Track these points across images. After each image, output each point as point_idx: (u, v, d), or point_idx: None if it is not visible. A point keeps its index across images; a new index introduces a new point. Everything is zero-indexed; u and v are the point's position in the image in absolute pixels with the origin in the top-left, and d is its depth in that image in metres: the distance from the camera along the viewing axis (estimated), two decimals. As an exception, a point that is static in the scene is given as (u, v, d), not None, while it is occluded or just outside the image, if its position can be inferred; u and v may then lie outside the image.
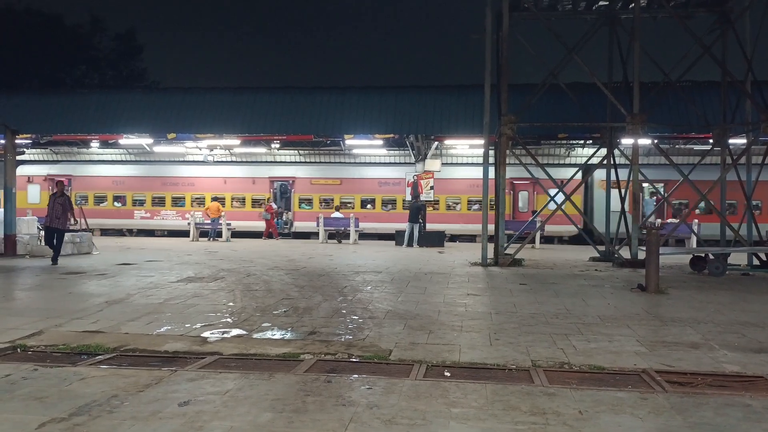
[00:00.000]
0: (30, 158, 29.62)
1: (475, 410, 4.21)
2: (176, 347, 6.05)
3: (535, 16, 15.49)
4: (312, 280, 11.49)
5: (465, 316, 7.86)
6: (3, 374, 5.02)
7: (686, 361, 5.68)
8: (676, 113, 18.72)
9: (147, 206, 28.70)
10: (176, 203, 28.76)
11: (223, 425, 3.88)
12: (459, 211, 27.08)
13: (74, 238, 17.03)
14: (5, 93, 25.23)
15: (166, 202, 28.73)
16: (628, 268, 14.13)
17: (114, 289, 10.10)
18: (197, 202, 28.43)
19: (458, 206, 27.16)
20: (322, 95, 22.60)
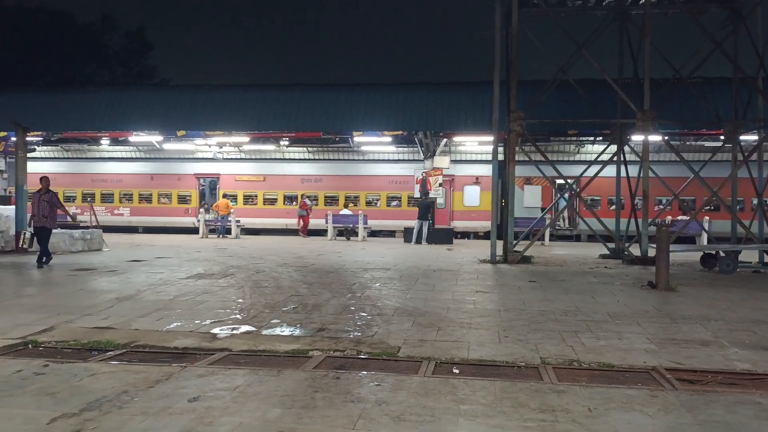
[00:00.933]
0: (40, 155, 29.80)
1: (483, 407, 4.21)
2: (186, 343, 6.08)
3: (544, 12, 15.42)
4: (321, 276, 11.51)
5: (474, 313, 7.85)
6: (15, 370, 5.06)
7: (696, 358, 5.65)
8: (687, 110, 18.62)
9: (77, 202, 28.82)
10: (105, 200, 29.02)
11: (233, 421, 3.89)
12: (379, 207, 27.38)
13: (85, 234, 17.15)
14: (17, 90, 25.41)
15: (96, 198, 28.97)
16: (638, 265, 14.07)
17: (124, 285, 10.16)
18: (126, 198, 28.84)
19: (378, 202, 27.43)
20: (330, 92, 22.65)
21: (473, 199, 26.39)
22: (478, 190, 26.15)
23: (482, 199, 25.71)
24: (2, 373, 4.98)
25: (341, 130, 23.49)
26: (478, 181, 26.22)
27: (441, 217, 26.43)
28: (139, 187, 29.05)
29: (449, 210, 26.66)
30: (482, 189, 25.96)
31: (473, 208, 26.25)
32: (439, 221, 26.10)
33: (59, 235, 16.59)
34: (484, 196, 25.41)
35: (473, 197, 26.37)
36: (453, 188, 26.82)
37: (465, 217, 26.31)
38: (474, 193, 26.31)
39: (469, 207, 26.46)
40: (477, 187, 26.19)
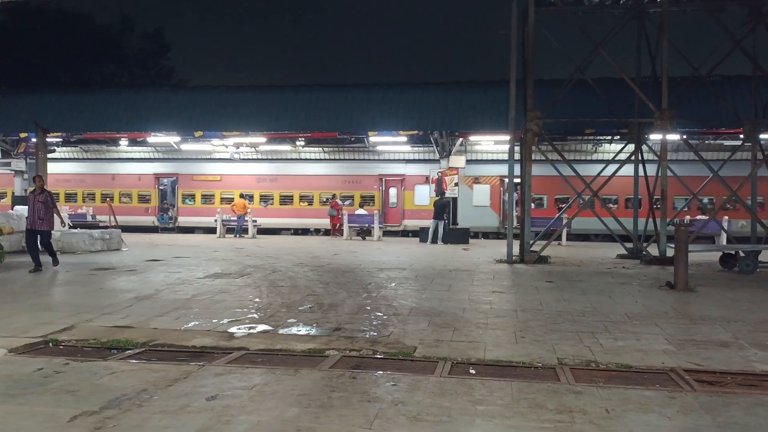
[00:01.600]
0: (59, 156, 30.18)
1: (500, 408, 4.20)
2: (204, 342, 6.13)
3: (561, 10, 15.34)
4: (337, 276, 11.54)
5: (490, 313, 7.84)
6: (36, 368, 5.13)
7: (716, 360, 5.60)
8: (706, 108, 18.45)
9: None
10: (68, 200, 29.33)
11: (250, 420, 3.92)
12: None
13: (104, 234, 17.33)
14: (37, 92, 25.75)
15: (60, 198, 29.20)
16: (656, 265, 13.95)
17: (143, 284, 10.25)
18: (89, 198, 29.31)
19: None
20: (347, 93, 22.70)
21: (424, 199, 26.79)
22: (428, 190, 26.56)
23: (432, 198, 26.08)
24: (24, 371, 5.05)
25: (357, 130, 23.55)
26: (428, 181, 26.57)
27: (392, 216, 27.12)
28: (100, 187, 29.58)
29: (401, 209, 27.13)
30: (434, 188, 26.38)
31: (423, 207, 26.66)
32: (390, 220, 26.85)
33: (79, 235, 16.81)
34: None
35: (424, 196, 26.80)
36: (404, 188, 27.31)
37: (415, 216, 26.79)
38: (424, 192, 26.74)
39: (420, 206, 26.90)
40: (427, 187, 26.58)
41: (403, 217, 26.88)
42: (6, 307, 8.03)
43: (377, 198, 27.43)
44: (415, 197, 27.10)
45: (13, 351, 5.72)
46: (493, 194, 26.44)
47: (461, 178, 25.85)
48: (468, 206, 25.82)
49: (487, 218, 26.02)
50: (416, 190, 27.11)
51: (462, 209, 25.62)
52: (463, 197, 25.95)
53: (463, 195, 25.96)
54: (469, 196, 26.21)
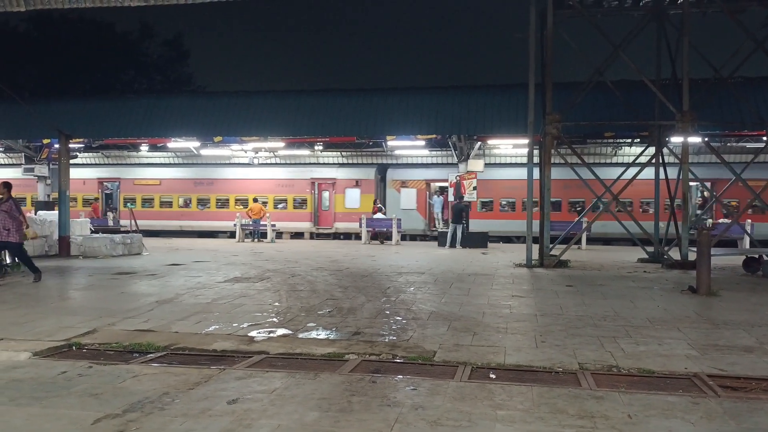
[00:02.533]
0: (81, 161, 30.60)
1: (521, 413, 4.18)
2: (224, 346, 6.17)
3: (579, 13, 15.23)
4: (355, 280, 11.56)
5: (510, 318, 7.80)
6: (60, 371, 5.20)
7: (740, 365, 5.52)
8: (728, 110, 18.18)
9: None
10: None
11: (271, 423, 3.94)
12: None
13: (125, 239, 17.52)
14: (60, 99, 26.10)
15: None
16: (677, 269, 13.78)
17: (164, 289, 10.35)
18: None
19: (266, 205, 27.87)
20: (364, 97, 22.71)
21: (354, 202, 27.21)
22: (358, 193, 27.16)
23: (362, 202, 26.93)
24: (48, 374, 5.12)
25: (375, 135, 23.58)
26: (358, 185, 27.19)
27: (324, 219, 27.52)
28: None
29: (332, 212, 27.45)
30: (362, 192, 27.10)
31: (353, 209, 27.07)
32: (323, 222, 27.25)
33: (100, 240, 17.02)
34: (364, 198, 26.77)
35: (354, 200, 27.22)
36: (335, 191, 27.67)
37: (346, 218, 27.15)
38: (354, 195, 27.24)
39: (350, 209, 27.23)
40: (357, 190, 27.16)
41: (335, 220, 27.32)
42: (30, 311, 8.16)
43: (309, 201, 27.92)
44: (345, 200, 27.58)
45: (37, 354, 5.80)
46: (419, 198, 27.06)
47: (390, 183, 26.93)
48: (396, 209, 26.54)
49: (414, 221, 26.52)
50: (347, 193, 27.58)
51: (390, 212, 26.43)
52: (391, 200, 26.91)
53: (391, 198, 26.96)
54: (396, 199, 26.99)
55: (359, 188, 27.24)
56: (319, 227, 27.46)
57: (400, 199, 26.98)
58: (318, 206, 27.88)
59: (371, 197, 26.74)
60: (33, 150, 27.23)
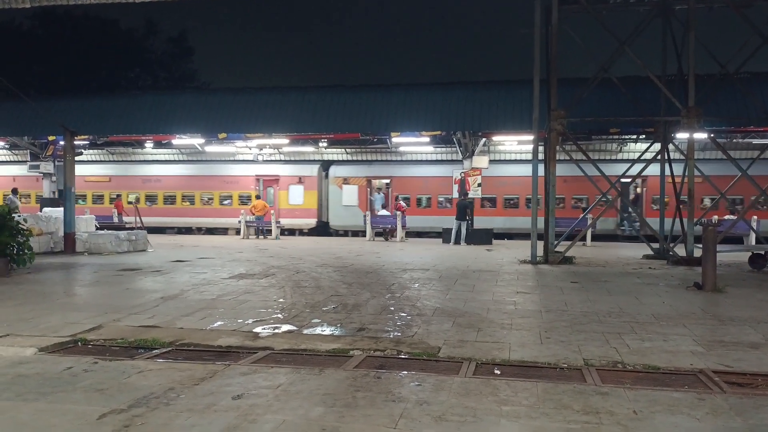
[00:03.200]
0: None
1: (526, 408, 4.17)
2: (229, 342, 6.18)
3: (585, 8, 15.17)
4: (360, 277, 11.56)
5: (514, 314, 7.79)
6: (65, 367, 5.22)
7: (746, 361, 5.50)
8: (734, 106, 18.11)
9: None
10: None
11: (276, 419, 3.94)
12: (212, 205, 28.70)
13: (130, 235, 17.57)
14: (65, 96, 26.21)
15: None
16: (683, 266, 13.75)
17: (169, 285, 10.37)
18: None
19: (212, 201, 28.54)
20: (369, 93, 22.70)
21: (297, 198, 27.65)
22: (301, 190, 27.61)
23: (306, 198, 27.51)
24: (54, 369, 5.14)
25: (379, 131, 23.56)
26: (301, 181, 27.65)
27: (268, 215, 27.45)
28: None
29: (276, 208, 27.72)
30: (306, 188, 27.56)
31: (297, 206, 27.59)
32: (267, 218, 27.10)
33: (105, 236, 17.07)
34: (308, 195, 27.35)
35: (297, 196, 27.67)
36: (279, 187, 28.06)
37: (290, 214, 27.65)
38: (298, 192, 27.70)
39: (294, 205, 27.70)
40: (301, 187, 27.61)
41: (279, 216, 27.54)
42: (36, 307, 8.18)
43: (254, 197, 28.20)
44: (289, 197, 27.95)
45: (43, 350, 5.82)
46: (360, 194, 27.52)
47: (333, 179, 27.43)
48: (338, 206, 27.28)
49: (355, 217, 26.91)
50: (290, 190, 27.94)
51: (333, 209, 27.18)
52: (334, 197, 27.41)
53: (333, 195, 27.44)
54: (338, 196, 27.51)
55: (302, 185, 27.71)
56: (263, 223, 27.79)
57: (342, 195, 27.57)
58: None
59: (314, 193, 27.38)
60: (38, 147, 27.32)
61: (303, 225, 27.53)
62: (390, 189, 27.37)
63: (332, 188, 27.77)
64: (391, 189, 27.42)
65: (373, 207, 26.76)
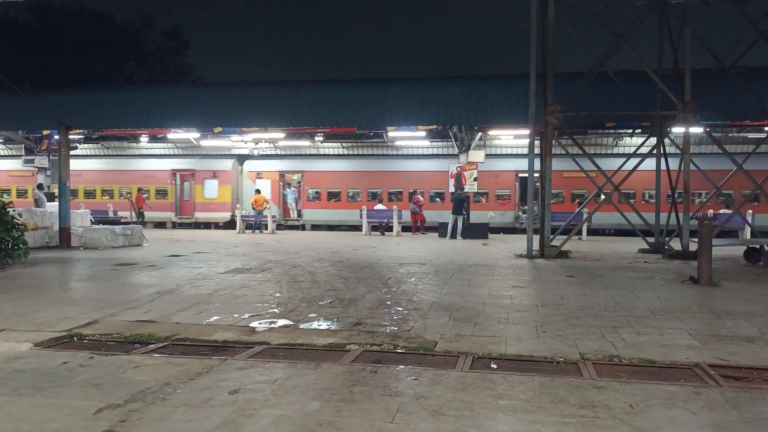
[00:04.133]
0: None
1: (522, 402, 4.18)
2: (225, 337, 6.17)
3: (581, 2, 15.17)
4: (356, 271, 11.56)
5: (511, 308, 7.80)
6: (61, 362, 5.21)
7: (741, 355, 5.52)
8: (730, 101, 18.14)
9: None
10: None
11: (273, 413, 3.94)
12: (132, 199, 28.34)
13: (125, 230, 17.51)
14: (60, 90, 26.06)
15: None
16: (678, 260, 13.78)
17: (164, 280, 10.35)
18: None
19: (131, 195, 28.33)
20: (365, 87, 22.65)
21: (212, 192, 27.86)
22: (216, 184, 27.77)
23: (220, 192, 27.71)
24: (50, 364, 5.13)
25: (376, 125, 23.51)
26: (215, 176, 27.79)
27: (186, 209, 28.18)
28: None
29: (192, 202, 28.08)
30: (220, 183, 27.71)
31: (212, 200, 27.83)
32: (185, 212, 27.90)
33: (101, 231, 17.01)
34: (222, 189, 27.52)
35: (212, 190, 27.87)
36: (194, 182, 28.23)
37: (205, 208, 27.96)
38: (213, 186, 27.89)
39: (209, 199, 27.93)
40: (215, 181, 27.76)
41: (195, 210, 27.87)
42: (31, 301, 8.16)
43: (171, 192, 28.51)
44: (204, 191, 28.12)
45: (39, 345, 5.81)
46: (273, 188, 27.83)
47: (247, 174, 27.71)
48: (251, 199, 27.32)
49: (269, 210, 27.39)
50: (206, 184, 28.09)
51: (246, 202, 27.11)
52: (248, 191, 27.52)
53: (247, 189, 27.58)
54: (252, 189, 27.59)
55: (217, 179, 27.88)
56: (181, 217, 28.18)
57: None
58: (180, 197, 28.56)
59: (229, 188, 27.60)
60: (33, 141, 27.21)
61: (218, 218, 27.77)
62: (301, 184, 27.87)
63: (246, 182, 28.03)
64: (302, 183, 27.89)
65: (286, 201, 27.26)
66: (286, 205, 27.55)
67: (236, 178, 28.21)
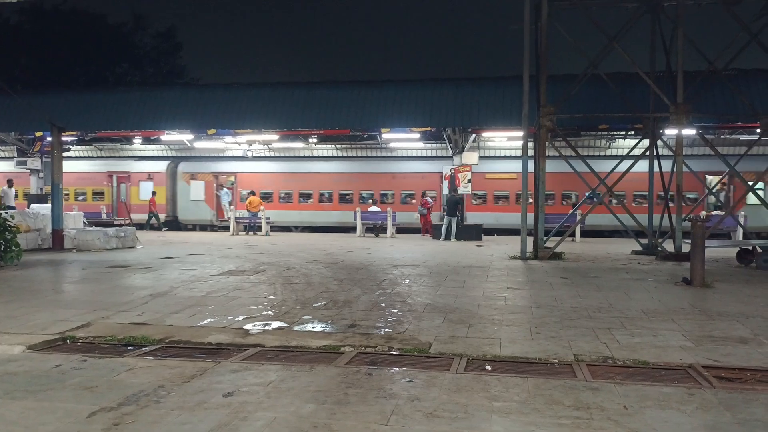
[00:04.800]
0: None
1: (517, 404, 4.18)
2: (219, 339, 6.15)
3: (574, 4, 15.22)
4: (351, 273, 11.55)
5: (505, 309, 7.81)
6: (54, 364, 5.18)
7: (735, 356, 5.54)
8: (722, 102, 18.26)
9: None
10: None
11: (267, 416, 3.93)
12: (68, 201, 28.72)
13: (119, 232, 17.45)
14: (53, 91, 26.00)
15: None
16: (672, 261, 13.84)
17: (158, 282, 10.31)
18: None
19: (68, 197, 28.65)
20: (359, 89, 22.68)
21: (148, 193, 28.20)
22: (151, 186, 28.23)
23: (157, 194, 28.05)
24: (42, 367, 5.10)
25: (370, 127, 23.53)
26: (150, 177, 28.41)
27: (122, 210, 28.64)
28: None
29: (128, 203, 28.61)
30: (155, 184, 28.20)
31: (147, 201, 28.09)
32: (121, 213, 28.32)
33: (94, 233, 16.95)
34: (158, 190, 27.86)
35: (148, 191, 28.26)
36: (130, 183, 28.88)
37: (141, 210, 28.34)
38: (148, 187, 28.36)
39: (144, 201, 28.27)
40: (150, 183, 28.28)
41: (130, 211, 28.17)
42: (24, 304, 8.11)
43: (107, 193, 29.04)
44: (140, 192, 28.57)
45: (31, 348, 5.77)
46: (207, 189, 28.40)
47: (181, 175, 28.28)
48: (186, 200, 28.20)
49: (202, 212, 28.02)
50: (141, 186, 28.60)
51: (181, 203, 27.97)
52: (182, 192, 28.28)
53: (182, 190, 28.29)
54: (187, 191, 28.45)
55: (152, 181, 28.31)
56: (116, 218, 28.40)
57: (190, 191, 28.48)
58: (117, 198, 29.09)
59: (163, 189, 28.13)
60: (25, 143, 27.08)
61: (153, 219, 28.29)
62: (234, 185, 28.35)
63: (180, 184, 28.71)
64: (235, 185, 28.34)
65: (220, 202, 27.66)
66: (220, 206, 27.96)
67: (170, 180, 28.72)
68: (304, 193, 27.55)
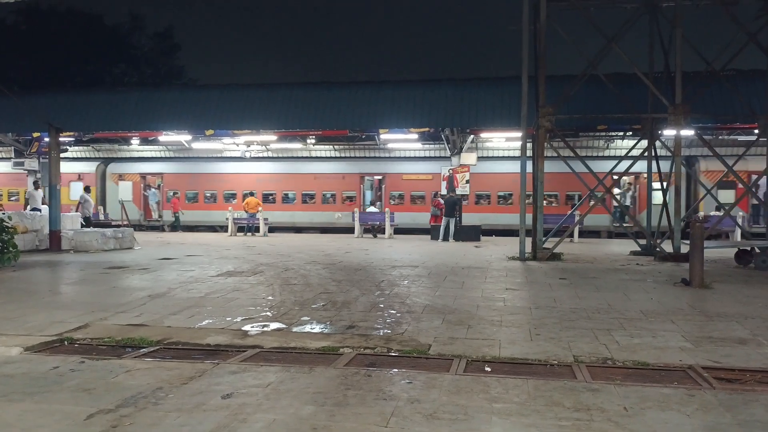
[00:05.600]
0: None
1: (517, 406, 4.17)
2: (218, 340, 6.13)
3: (573, 5, 15.21)
4: (349, 274, 11.53)
5: (504, 310, 7.80)
6: (52, 366, 5.15)
7: (734, 357, 5.53)
8: (720, 103, 18.27)
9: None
10: None
11: (266, 418, 3.91)
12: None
13: (116, 233, 17.42)
14: (50, 92, 25.95)
15: None
16: (670, 262, 13.84)
17: (156, 283, 10.28)
18: None
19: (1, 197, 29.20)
20: (357, 90, 22.67)
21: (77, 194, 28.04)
22: (80, 186, 27.97)
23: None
24: (40, 369, 5.07)
25: (368, 128, 23.50)
26: (80, 178, 28.50)
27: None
28: None
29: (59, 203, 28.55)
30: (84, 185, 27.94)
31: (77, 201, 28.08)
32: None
33: (91, 234, 16.91)
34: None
35: (77, 192, 28.07)
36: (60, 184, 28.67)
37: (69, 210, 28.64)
38: (78, 188, 28.14)
39: (74, 201, 28.09)
40: (80, 183, 28.06)
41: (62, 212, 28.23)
42: (21, 305, 8.09)
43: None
44: (70, 193, 28.46)
45: (28, 349, 5.75)
46: (135, 190, 28.90)
47: (110, 176, 28.75)
48: (114, 201, 28.44)
49: (131, 212, 28.07)
50: (71, 186, 28.45)
51: (109, 203, 28.25)
52: (111, 193, 28.71)
53: (111, 191, 28.70)
54: (115, 191, 28.83)
55: (82, 182, 28.16)
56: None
57: (119, 191, 28.80)
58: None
59: (93, 189, 27.99)
60: (23, 144, 27.02)
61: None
62: (161, 185, 28.66)
63: (109, 184, 29.08)
64: (162, 185, 28.62)
65: (148, 203, 28.06)
66: (147, 206, 28.35)
67: (99, 180, 29.02)
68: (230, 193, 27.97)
